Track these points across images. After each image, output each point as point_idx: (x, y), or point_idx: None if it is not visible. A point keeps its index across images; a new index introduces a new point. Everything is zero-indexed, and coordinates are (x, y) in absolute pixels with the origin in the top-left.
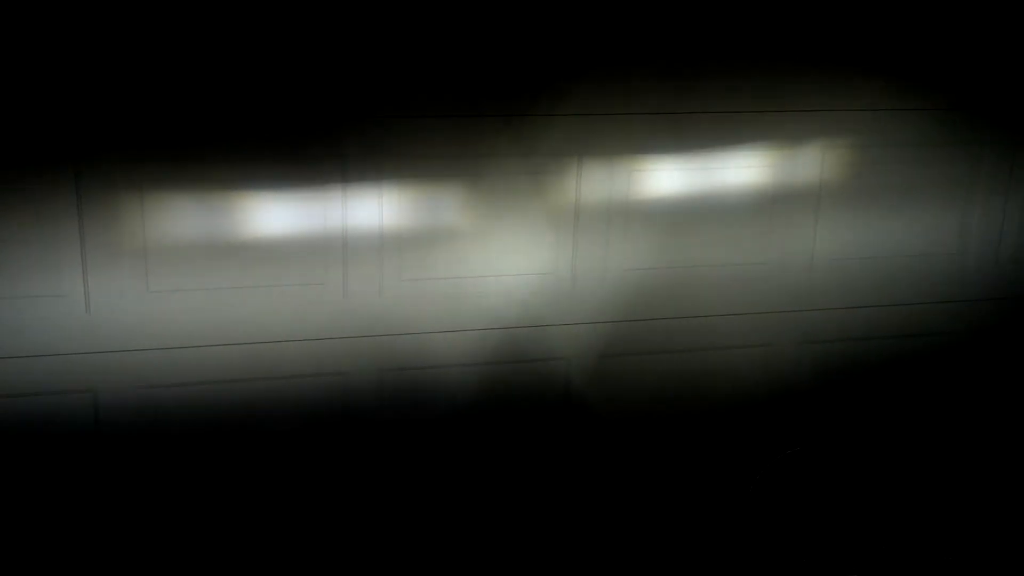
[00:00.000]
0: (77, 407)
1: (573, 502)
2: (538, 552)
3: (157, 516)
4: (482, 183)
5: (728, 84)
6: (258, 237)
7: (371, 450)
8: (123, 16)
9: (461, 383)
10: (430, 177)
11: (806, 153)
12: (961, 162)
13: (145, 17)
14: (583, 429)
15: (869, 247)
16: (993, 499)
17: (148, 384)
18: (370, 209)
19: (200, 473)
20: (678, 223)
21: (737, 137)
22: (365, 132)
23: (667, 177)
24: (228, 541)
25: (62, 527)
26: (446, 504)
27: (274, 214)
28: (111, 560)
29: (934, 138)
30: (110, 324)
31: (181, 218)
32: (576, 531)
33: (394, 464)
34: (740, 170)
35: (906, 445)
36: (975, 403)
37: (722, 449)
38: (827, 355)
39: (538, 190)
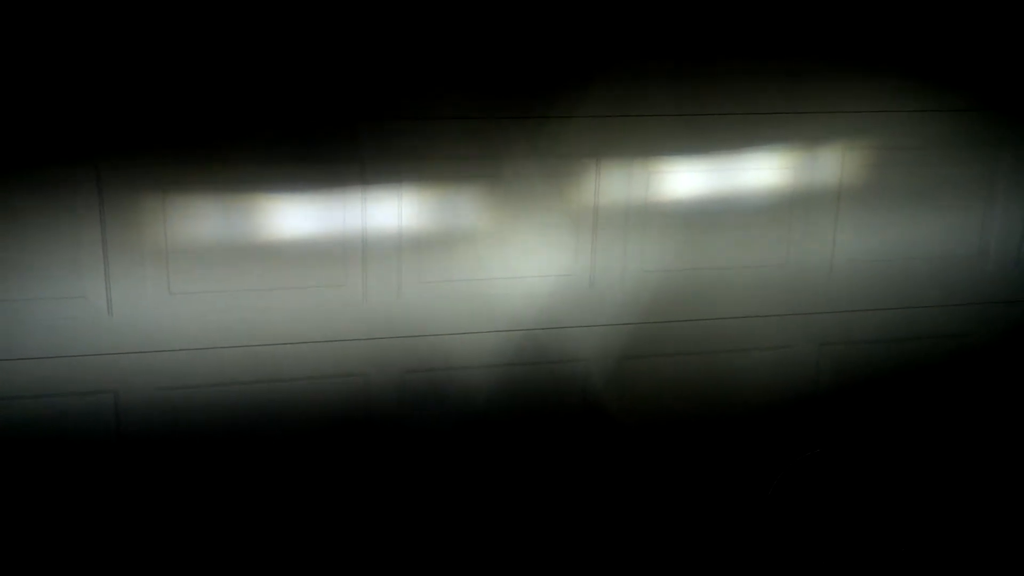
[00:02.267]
0: (98, 408)
1: (592, 503)
2: (557, 553)
3: (178, 517)
4: (500, 185)
5: (746, 85)
6: (278, 239)
7: (391, 451)
8: (144, 18)
9: (480, 384)
10: (449, 179)
11: (825, 155)
12: (981, 163)
13: (166, 19)
14: (602, 431)
15: (889, 249)
16: (1014, 502)
17: (169, 385)
18: (389, 211)
19: (221, 474)
20: (697, 225)
21: (756, 138)
22: (384, 134)
23: (686, 179)
24: (249, 542)
25: (83, 527)
26: (466, 505)
27: (294, 216)
28: (131, 560)
29: (954, 139)
30: (132, 326)
31: (202, 220)
32: (595, 532)
33: (414, 465)
34: (759, 172)
35: (926, 447)
36: (995, 405)
37: (742, 451)
38: (847, 357)
39: (556, 192)
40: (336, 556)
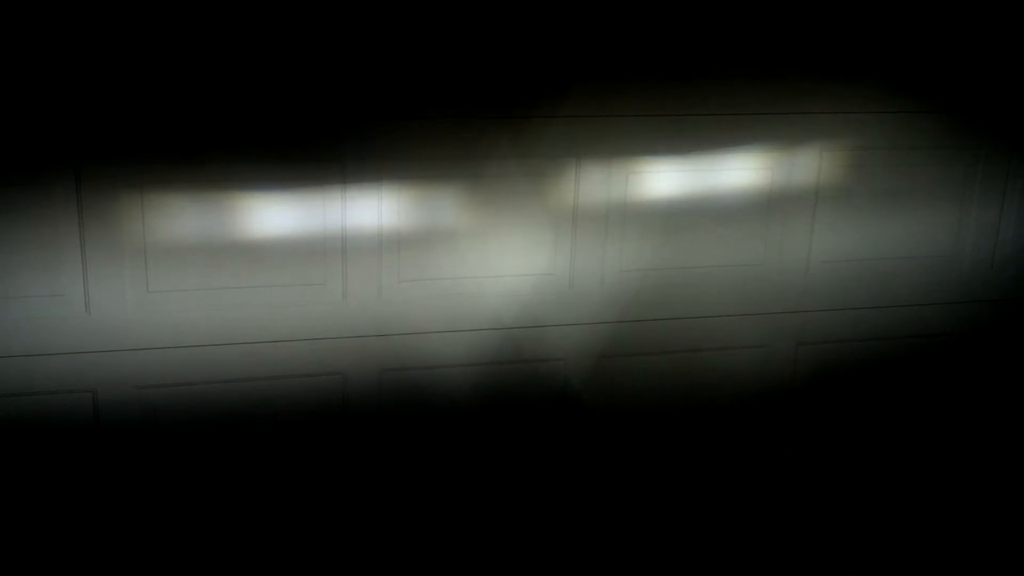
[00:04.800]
0: (77, 406)
1: (572, 502)
2: (537, 551)
3: (157, 515)
4: (481, 184)
5: (726, 87)
6: (258, 238)
7: (370, 450)
8: (125, 18)
9: (460, 383)
10: (429, 178)
11: (803, 155)
12: (957, 164)
13: (147, 19)
14: (581, 429)
15: (866, 249)
16: (989, 498)
17: (148, 384)
18: (369, 210)
19: (199, 473)
20: (676, 224)
21: (734, 139)
22: (365, 134)
23: (665, 179)
24: (228, 540)
25: (62, 526)
26: (445, 504)
27: (274, 215)
28: (111, 559)
29: (930, 141)
30: (110, 324)
31: (181, 218)
32: (575, 530)
33: (393, 464)
34: (737, 172)
35: (902, 445)
36: (970, 403)
37: (719, 449)
38: (823, 356)
39: (537, 191)
40: (315, 552)
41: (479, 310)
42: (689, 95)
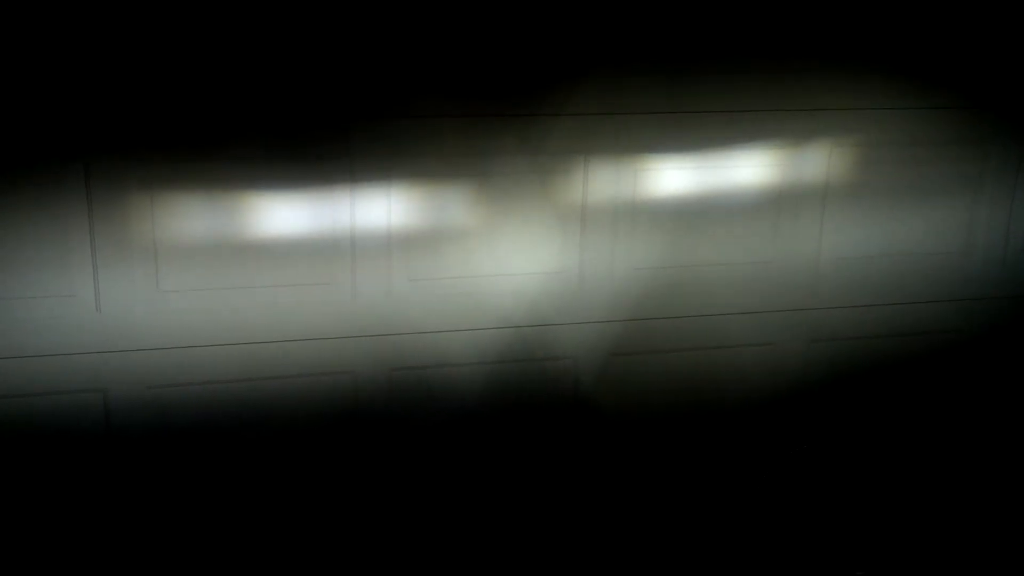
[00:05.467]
0: (87, 406)
1: (581, 500)
2: (546, 550)
3: (167, 515)
4: (489, 183)
5: (734, 83)
6: (267, 237)
7: (380, 449)
8: (134, 15)
9: (469, 382)
10: (438, 177)
11: (812, 152)
12: (968, 160)
13: (156, 16)
14: (591, 428)
15: (876, 245)
16: (1002, 497)
17: (158, 383)
18: (378, 209)
19: (209, 472)
20: (685, 222)
21: (743, 136)
22: (373, 132)
23: (673, 176)
24: (238, 540)
25: (72, 526)
26: (455, 503)
27: (283, 214)
28: (120, 559)
29: (941, 137)
30: (120, 324)
31: (191, 218)
32: (584, 529)
33: (403, 463)
34: (746, 169)
35: (913, 443)
36: (981, 401)
37: (729, 447)
38: (834, 353)
39: (545, 190)
40: (326, 552)
41: (488, 309)
42: (697, 92)
